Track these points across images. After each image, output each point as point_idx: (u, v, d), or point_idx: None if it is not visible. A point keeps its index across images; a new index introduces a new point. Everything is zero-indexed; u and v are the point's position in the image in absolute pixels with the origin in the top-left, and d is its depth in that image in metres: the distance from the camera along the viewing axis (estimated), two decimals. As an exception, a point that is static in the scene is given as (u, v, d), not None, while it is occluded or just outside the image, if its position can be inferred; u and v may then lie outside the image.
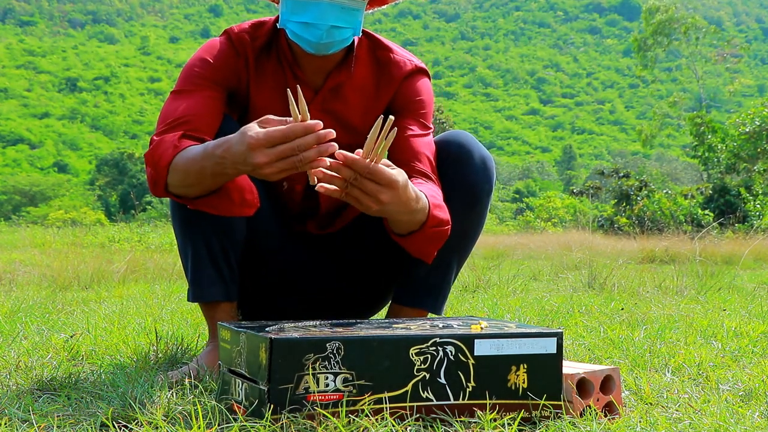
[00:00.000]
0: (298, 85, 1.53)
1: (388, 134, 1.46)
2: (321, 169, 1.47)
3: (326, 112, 1.87)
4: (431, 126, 1.93)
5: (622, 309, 3.31)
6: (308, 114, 1.46)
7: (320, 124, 1.44)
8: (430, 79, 1.98)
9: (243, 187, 1.68)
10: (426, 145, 1.86)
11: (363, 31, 1.88)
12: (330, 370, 1.28)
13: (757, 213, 19.28)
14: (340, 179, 1.47)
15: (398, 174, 1.51)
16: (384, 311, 2.61)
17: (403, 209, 1.57)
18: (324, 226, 2.03)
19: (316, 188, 1.47)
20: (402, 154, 1.83)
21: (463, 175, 1.85)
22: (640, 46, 34.69)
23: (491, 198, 1.93)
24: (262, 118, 1.49)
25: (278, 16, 1.91)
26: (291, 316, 1.99)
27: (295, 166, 1.44)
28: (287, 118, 1.47)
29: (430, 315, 2.05)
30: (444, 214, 1.73)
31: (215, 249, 1.82)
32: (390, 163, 1.53)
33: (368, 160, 1.47)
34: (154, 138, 1.70)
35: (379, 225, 1.99)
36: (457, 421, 1.32)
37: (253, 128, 1.46)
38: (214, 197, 1.66)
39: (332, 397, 1.28)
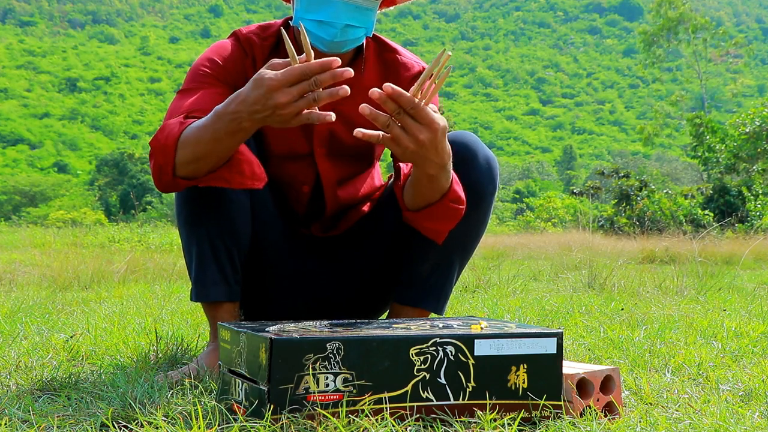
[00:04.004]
0: (300, 22, 1.54)
1: (443, 72, 1.47)
2: (365, 106, 1.47)
3: (333, 112, 1.87)
4: None
5: (622, 309, 3.31)
6: (312, 52, 1.48)
7: (338, 60, 1.46)
8: None
9: (251, 160, 1.69)
10: None
11: None
12: (330, 371, 1.28)
13: (758, 213, 19.28)
14: (384, 116, 1.48)
15: (440, 119, 1.51)
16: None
17: (436, 158, 1.56)
18: (328, 228, 2.03)
19: (354, 133, 1.47)
20: None
21: (467, 176, 1.85)
22: (648, 42, 34.56)
23: (495, 199, 1.93)
24: (269, 62, 1.50)
25: (288, 16, 1.91)
26: (293, 318, 2.00)
27: (310, 104, 1.46)
28: (288, 60, 1.49)
29: (431, 315, 2.05)
30: (462, 192, 1.75)
31: (220, 249, 1.82)
32: (435, 108, 1.54)
33: (417, 99, 1.48)
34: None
35: (381, 228, 2.00)
36: (457, 421, 1.32)
37: (267, 72, 1.47)
38: (225, 170, 1.66)
39: (332, 397, 1.28)
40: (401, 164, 1.82)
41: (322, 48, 1.79)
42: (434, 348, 1.34)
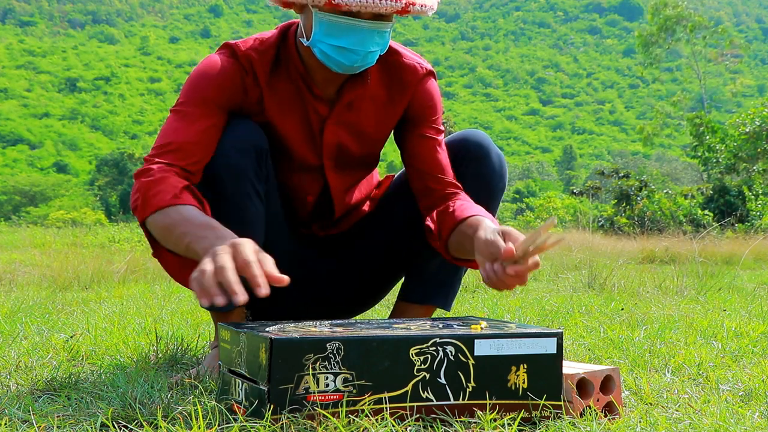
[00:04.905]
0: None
1: (548, 241, 1.51)
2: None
3: (341, 125, 1.86)
4: (443, 128, 1.94)
5: (622, 309, 3.31)
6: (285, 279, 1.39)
7: (284, 281, 1.38)
8: (436, 79, 1.98)
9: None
10: (444, 153, 1.90)
11: None
12: (330, 371, 1.28)
13: (758, 213, 19.28)
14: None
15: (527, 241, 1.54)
16: (381, 309, 2.62)
17: None
18: (329, 228, 2.04)
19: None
20: (426, 165, 1.87)
21: (481, 173, 1.90)
22: (645, 43, 34.58)
23: (503, 196, 1.98)
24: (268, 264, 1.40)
25: (283, 24, 1.86)
26: (292, 313, 2.01)
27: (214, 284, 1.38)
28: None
29: (433, 315, 2.07)
30: None
31: None
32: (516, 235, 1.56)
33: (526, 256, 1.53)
34: (152, 163, 1.67)
35: (381, 226, 2.02)
36: (457, 421, 1.32)
37: (247, 252, 1.39)
38: (177, 261, 1.67)
39: (332, 397, 1.28)
40: (429, 222, 1.83)
41: (338, 71, 1.75)
42: (434, 348, 1.34)
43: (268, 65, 1.81)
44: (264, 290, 1.34)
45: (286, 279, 1.37)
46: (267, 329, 1.39)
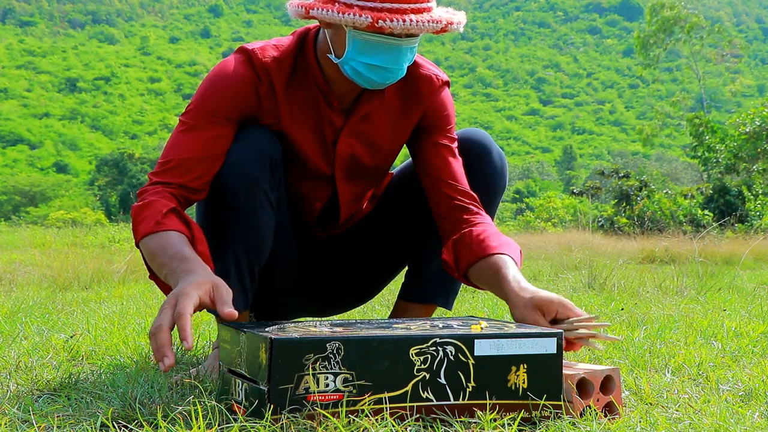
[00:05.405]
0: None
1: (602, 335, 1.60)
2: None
3: (355, 136, 1.85)
4: (456, 137, 1.94)
5: (622, 309, 3.31)
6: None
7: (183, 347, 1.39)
8: (449, 87, 1.97)
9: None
10: (459, 162, 1.90)
11: None
12: (330, 371, 1.28)
13: (758, 213, 19.27)
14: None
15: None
16: (381, 309, 2.62)
17: None
18: (329, 229, 2.04)
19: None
20: (440, 172, 1.87)
21: (483, 172, 1.92)
22: (643, 44, 34.59)
23: (503, 195, 2.00)
24: (222, 296, 1.43)
25: (299, 34, 1.82)
26: (291, 310, 2.01)
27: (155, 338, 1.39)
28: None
29: (434, 315, 2.07)
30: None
31: (243, 265, 1.78)
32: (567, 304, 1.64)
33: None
34: (150, 183, 1.66)
35: (380, 226, 2.03)
36: (457, 421, 1.32)
37: (190, 299, 1.40)
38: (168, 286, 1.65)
39: (332, 397, 1.28)
40: (445, 255, 1.83)
41: (367, 87, 1.74)
42: (434, 348, 1.34)
43: (285, 75, 1.77)
44: (187, 344, 1.34)
45: (234, 315, 1.38)
46: (267, 329, 1.39)
